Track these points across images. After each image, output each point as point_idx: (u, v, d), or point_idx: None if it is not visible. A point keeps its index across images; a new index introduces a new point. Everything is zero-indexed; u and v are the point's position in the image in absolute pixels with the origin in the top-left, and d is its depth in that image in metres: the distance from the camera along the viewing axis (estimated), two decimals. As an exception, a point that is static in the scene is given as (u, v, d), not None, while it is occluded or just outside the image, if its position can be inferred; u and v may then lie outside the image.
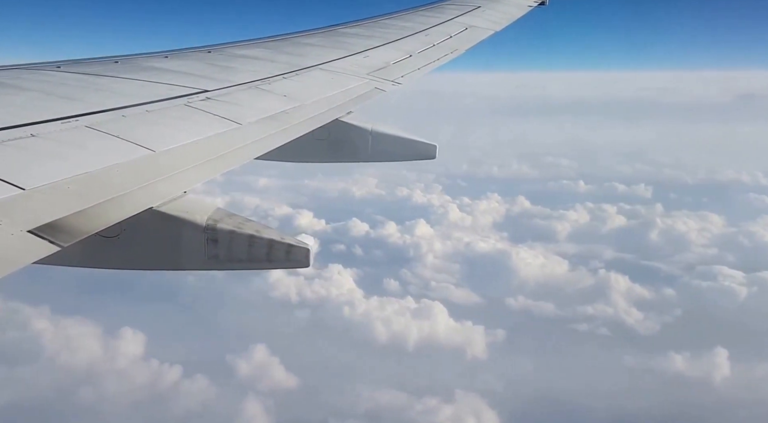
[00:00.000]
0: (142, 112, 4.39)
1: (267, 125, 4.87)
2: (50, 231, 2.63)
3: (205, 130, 4.37)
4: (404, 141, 6.46)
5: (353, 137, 6.18)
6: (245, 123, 4.73)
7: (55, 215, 2.74)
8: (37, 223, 2.63)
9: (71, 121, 3.83)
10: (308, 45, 8.22)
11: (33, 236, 2.56)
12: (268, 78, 6.12)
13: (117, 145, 3.70)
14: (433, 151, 6.48)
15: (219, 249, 3.66)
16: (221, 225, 3.64)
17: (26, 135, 3.47)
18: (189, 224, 3.58)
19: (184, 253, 3.71)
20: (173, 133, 4.17)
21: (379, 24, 10.11)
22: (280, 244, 3.68)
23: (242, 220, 3.74)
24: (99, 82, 5.05)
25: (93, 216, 2.91)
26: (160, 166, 3.66)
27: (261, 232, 3.69)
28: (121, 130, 3.90)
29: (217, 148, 4.17)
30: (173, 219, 3.52)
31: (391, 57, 8.14)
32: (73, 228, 2.75)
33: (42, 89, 4.52)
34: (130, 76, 5.35)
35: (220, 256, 3.68)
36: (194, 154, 3.96)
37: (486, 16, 11.37)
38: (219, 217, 3.68)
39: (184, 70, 5.89)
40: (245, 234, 3.66)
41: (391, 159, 6.51)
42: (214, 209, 3.73)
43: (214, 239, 3.63)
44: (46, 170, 3.12)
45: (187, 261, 3.74)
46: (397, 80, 7.28)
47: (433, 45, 9.10)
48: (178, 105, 4.75)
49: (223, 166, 4.00)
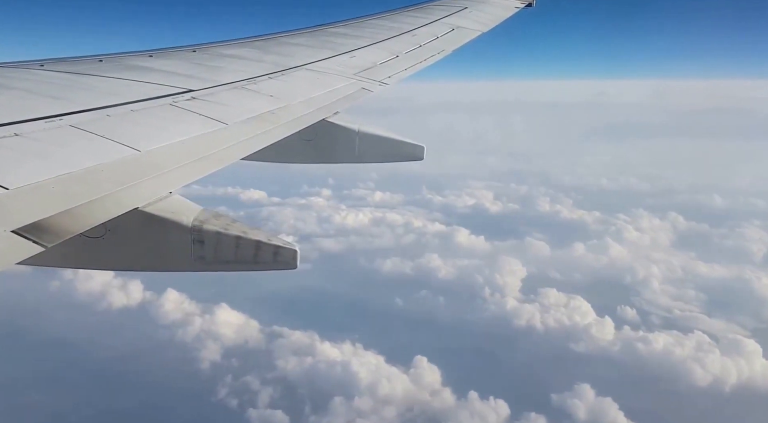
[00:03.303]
0: (126, 112, 4.35)
1: (253, 125, 4.85)
2: (34, 231, 2.60)
3: (190, 130, 4.34)
4: (391, 142, 6.45)
5: (340, 138, 6.16)
6: (231, 123, 4.70)
7: (39, 215, 2.71)
8: (21, 224, 2.60)
9: (55, 121, 3.79)
10: (295, 45, 8.20)
11: (17, 236, 2.54)
12: (254, 78, 6.10)
13: (102, 145, 3.66)
14: (420, 153, 6.48)
15: (205, 250, 3.64)
16: (207, 226, 3.62)
17: (9, 134, 3.43)
18: (175, 225, 3.55)
19: (170, 254, 3.68)
20: (158, 132, 4.14)
21: (365, 24, 10.11)
22: (267, 246, 3.66)
23: (229, 221, 3.72)
24: (83, 81, 5.00)
25: (77, 216, 2.88)
26: (145, 166, 3.62)
27: (248, 234, 3.67)
28: (105, 130, 3.87)
29: (203, 149, 4.14)
30: (159, 220, 3.50)
31: (378, 57, 8.14)
32: (58, 228, 2.72)
33: (25, 88, 4.47)
34: (115, 75, 5.30)
35: (207, 258, 3.66)
36: (180, 154, 3.93)
37: (473, 17, 11.40)
38: (205, 218, 3.65)
39: (170, 70, 5.84)
40: (232, 235, 3.63)
41: (378, 160, 6.50)
42: (200, 210, 3.71)
43: (200, 240, 3.61)
44: (30, 170, 3.08)
45: (173, 262, 3.71)
46: (383, 81, 7.28)
47: (420, 46, 9.11)
48: (163, 104, 4.72)
49: (209, 166, 3.98)
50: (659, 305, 67.00)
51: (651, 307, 66.70)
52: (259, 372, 54.01)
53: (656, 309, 66.24)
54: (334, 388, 51.60)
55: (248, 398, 50.86)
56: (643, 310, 65.60)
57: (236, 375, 53.75)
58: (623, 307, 65.28)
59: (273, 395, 51.18)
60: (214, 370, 55.03)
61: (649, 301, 67.89)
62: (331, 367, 54.16)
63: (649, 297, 68.61)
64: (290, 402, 50.25)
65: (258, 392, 51.47)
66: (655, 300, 68.05)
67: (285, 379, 53.38)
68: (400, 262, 78.35)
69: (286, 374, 53.97)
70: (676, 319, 63.61)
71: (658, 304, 67.28)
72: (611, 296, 67.31)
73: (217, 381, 53.13)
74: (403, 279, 74.29)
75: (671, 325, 61.59)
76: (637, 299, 68.18)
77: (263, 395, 51.17)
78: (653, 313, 65.13)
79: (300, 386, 52.33)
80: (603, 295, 66.91)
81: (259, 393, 51.39)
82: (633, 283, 71.83)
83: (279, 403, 50.21)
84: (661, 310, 65.84)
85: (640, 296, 68.84)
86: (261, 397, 50.92)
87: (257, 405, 50.16)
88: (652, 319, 63.64)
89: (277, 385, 52.47)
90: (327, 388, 51.72)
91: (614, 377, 53.00)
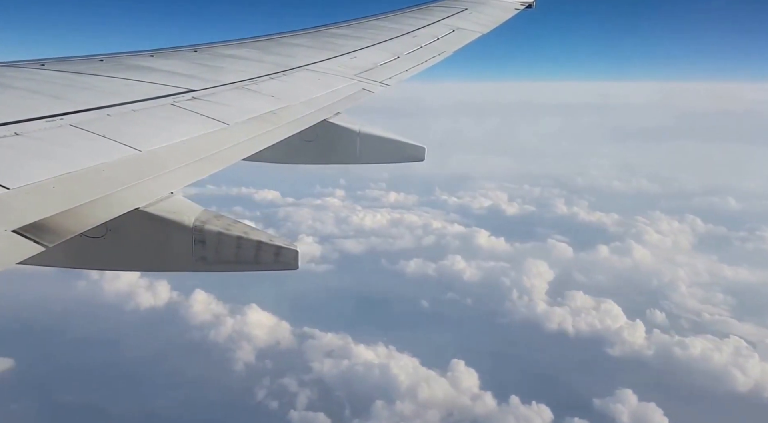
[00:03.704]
0: (127, 112, 4.33)
1: (254, 126, 4.84)
2: (35, 231, 2.59)
3: (191, 130, 4.32)
4: (392, 142, 6.44)
5: (341, 138, 6.16)
6: (232, 123, 4.69)
7: (40, 215, 2.70)
8: (22, 223, 2.59)
9: (56, 120, 3.78)
10: (296, 45, 8.19)
11: (18, 236, 2.52)
12: (255, 78, 6.09)
13: (102, 145, 3.65)
14: (421, 153, 6.48)
15: (207, 250, 3.63)
16: (209, 226, 3.61)
17: (10, 133, 3.42)
18: (176, 225, 3.54)
19: (171, 254, 3.67)
20: (159, 132, 4.13)
21: (366, 25, 10.11)
22: (269, 246, 3.66)
23: (230, 222, 3.71)
24: (84, 81, 4.98)
25: (78, 216, 2.87)
26: (146, 166, 3.61)
27: (249, 234, 3.66)
28: (106, 130, 3.85)
29: (204, 149, 4.13)
30: (160, 220, 3.49)
31: (379, 58, 8.13)
32: (59, 228, 2.71)
33: (26, 87, 4.46)
34: (116, 75, 5.29)
35: (208, 258, 3.65)
36: (181, 154, 3.92)
37: (473, 19, 11.40)
38: (206, 219, 3.64)
39: (171, 70, 5.84)
40: (233, 235, 3.63)
41: (380, 161, 6.49)
42: (201, 210, 3.70)
43: (201, 240, 3.60)
44: (31, 169, 3.07)
45: (175, 262, 3.70)
46: (384, 81, 7.27)
47: (421, 46, 9.11)
48: (164, 104, 4.71)
49: (211, 166, 3.97)
50: (688, 309, 66.42)
51: (680, 310, 66.00)
52: (295, 374, 53.80)
53: (685, 313, 65.61)
54: (373, 390, 51.19)
55: (287, 400, 50.68)
56: (673, 314, 64.92)
57: (273, 377, 53.53)
58: (652, 311, 64.75)
59: (311, 397, 50.97)
60: (249, 372, 54.83)
61: (677, 304, 67.27)
62: (368, 370, 53.77)
63: (677, 300, 68.00)
64: (329, 404, 49.99)
65: (296, 394, 51.27)
66: (683, 303, 67.47)
67: (321, 381, 53.08)
68: (422, 264, 77.81)
69: (322, 376, 53.69)
70: (706, 323, 63.00)
71: (687, 307, 66.66)
72: (639, 299, 66.89)
73: (253, 382, 52.95)
74: (428, 280, 73.92)
75: (702, 329, 61.02)
76: (666, 303, 67.54)
77: (301, 397, 50.99)
78: (683, 317, 64.54)
79: (337, 389, 52.02)
80: (630, 299, 66.54)
81: (297, 395, 51.19)
82: (660, 287, 71.27)
83: (318, 405, 49.90)
84: (690, 314, 65.27)
85: (669, 300, 68.24)
86: (299, 399, 50.77)
87: (296, 407, 49.98)
88: (681, 323, 63.10)
89: (314, 387, 52.20)
90: (365, 390, 51.29)
91: (653, 382, 52.36)
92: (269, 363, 55.97)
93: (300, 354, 57.47)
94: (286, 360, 56.42)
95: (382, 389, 51.40)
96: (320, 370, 54.58)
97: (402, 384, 51.78)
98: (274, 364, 55.73)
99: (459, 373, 53.37)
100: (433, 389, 51.55)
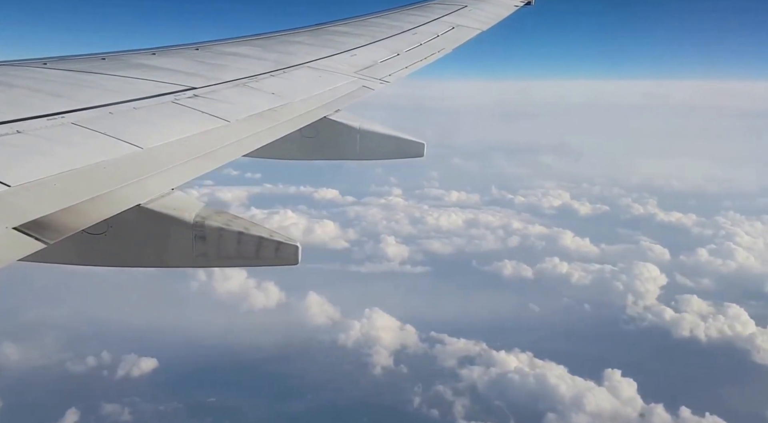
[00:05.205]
0: (129, 110, 4.36)
1: (255, 123, 4.86)
2: (36, 228, 2.61)
3: (192, 128, 4.35)
4: (392, 139, 6.46)
5: (341, 135, 6.18)
6: (233, 120, 4.72)
7: (42, 212, 2.72)
8: (23, 220, 2.61)
9: (57, 118, 3.81)
10: (296, 43, 8.21)
11: (19, 233, 2.54)
12: (256, 76, 6.11)
13: (104, 142, 3.68)
14: (421, 150, 6.49)
15: (207, 246, 3.65)
16: (209, 222, 3.63)
17: (12, 131, 3.45)
18: (177, 221, 3.56)
19: (172, 250, 3.69)
20: (161, 130, 4.15)
21: (366, 23, 10.12)
22: (269, 242, 3.68)
23: (231, 218, 3.74)
24: (86, 79, 5.01)
25: (80, 213, 2.89)
26: (147, 164, 3.64)
27: (250, 230, 3.68)
28: (108, 127, 3.88)
29: (205, 146, 4.16)
30: (161, 216, 3.51)
31: (379, 55, 8.15)
32: (60, 225, 2.73)
33: (28, 86, 4.48)
34: (117, 73, 5.31)
35: (209, 254, 3.67)
36: (182, 152, 3.94)
37: (473, 16, 11.41)
38: (207, 215, 3.67)
39: (172, 68, 5.86)
40: (234, 231, 3.65)
41: (380, 157, 6.52)
42: (201, 207, 3.72)
43: (202, 236, 3.62)
44: (33, 167, 3.09)
45: (176, 258, 3.73)
46: (384, 79, 7.29)
47: (421, 44, 9.12)
48: (166, 102, 4.73)
49: (211, 163, 3.99)
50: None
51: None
52: (443, 380, 52.08)
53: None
54: (532, 401, 48.95)
55: (446, 409, 49.04)
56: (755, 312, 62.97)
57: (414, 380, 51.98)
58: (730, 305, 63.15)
59: (467, 406, 49.22)
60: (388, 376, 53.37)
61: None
62: (523, 378, 51.46)
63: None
64: (491, 415, 48.09)
65: (452, 403, 49.63)
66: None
67: (474, 389, 51.23)
68: (517, 266, 75.38)
69: (473, 383, 51.75)
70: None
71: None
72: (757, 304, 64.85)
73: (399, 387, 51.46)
74: (528, 283, 71.73)
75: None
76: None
77: (458, 406, 49.31)
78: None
79: (494, 398, 50.02)
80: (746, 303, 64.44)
81: (453, 404, 49.52)
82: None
83: (479, 415, 48.12)
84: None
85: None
86: (456, 408, 49.09)
87: (456, 415, 48.28)
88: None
89: (468, 395, 50.50)
90: (524, 401, 49.11)
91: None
92: (404, 367, 54.47)
93: (433, 359, 55.85)
94: (423, 365, 54.79)
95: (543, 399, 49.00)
96: (470, 377, 52.61)
97: (564, 394, 49.09)
98: (409, 369, 54.22)
99: (616, 382, 50.85)
100: (597, 401, 48.84)
